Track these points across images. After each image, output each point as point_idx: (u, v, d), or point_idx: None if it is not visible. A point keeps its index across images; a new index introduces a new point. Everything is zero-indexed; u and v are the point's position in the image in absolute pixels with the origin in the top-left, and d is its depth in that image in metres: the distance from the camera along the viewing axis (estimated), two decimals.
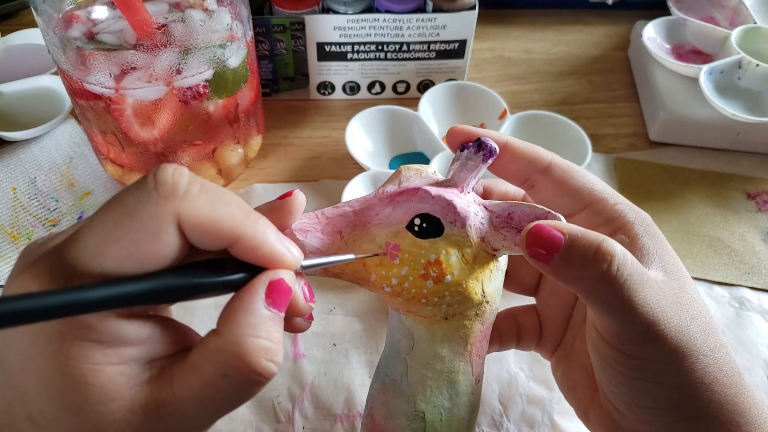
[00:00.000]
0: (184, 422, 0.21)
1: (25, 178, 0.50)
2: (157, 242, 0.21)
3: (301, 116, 0.60)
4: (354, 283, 0.29)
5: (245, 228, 0.22)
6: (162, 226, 0.21)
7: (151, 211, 0.21)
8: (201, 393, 0.21)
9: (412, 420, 0.29)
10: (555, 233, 0.25)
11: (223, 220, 0.22)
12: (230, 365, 0.21)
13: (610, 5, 0.73)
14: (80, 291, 0.19)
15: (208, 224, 0.21)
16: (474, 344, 0.29)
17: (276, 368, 0.22)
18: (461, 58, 0.59)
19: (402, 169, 0.29)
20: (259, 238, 0.23)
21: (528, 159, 0.30)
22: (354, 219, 0.28)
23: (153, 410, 0.21)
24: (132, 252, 0.20)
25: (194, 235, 0.21)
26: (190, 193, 0.21)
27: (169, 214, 0.21)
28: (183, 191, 0.21)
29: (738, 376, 0.27)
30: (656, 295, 0.25)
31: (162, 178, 0.21)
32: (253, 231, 0.22)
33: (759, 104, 0.54)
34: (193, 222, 0.21)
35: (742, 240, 0.49)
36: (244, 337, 0.21)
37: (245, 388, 0.22)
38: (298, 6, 0.54)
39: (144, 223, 0.21)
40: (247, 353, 0.21)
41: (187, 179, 0.22)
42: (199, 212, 0.21)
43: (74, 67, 0.41)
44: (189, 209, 0.21)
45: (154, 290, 0.21)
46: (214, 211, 0.22)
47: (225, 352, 0.21)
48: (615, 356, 0.26)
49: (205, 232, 0.21)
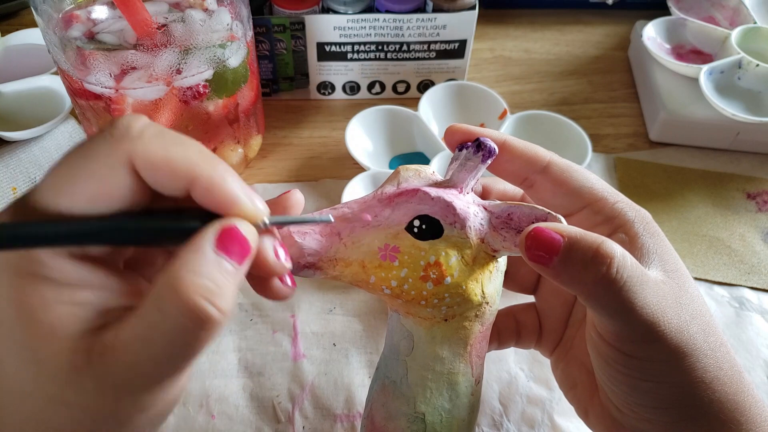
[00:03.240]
0: (127, 367, 0.21)
1: (25, 178, 0.50)
2: (110, 182, 0.21)
3: (301, 116, 0.60)
4: (353, 285, 0.28)
5: (201, 168, 0.22)
6: (114, 165, 0.21)
7: (105, 151, 0.21)
8: (141, 332, 0.21)
9: (412, 421, 0.29)
10: (554, 236, 0.25)
11: (177, 159, 0.21)
12: (166, 299, 0.20)
13: (610, 5, 0.73)
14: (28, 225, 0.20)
15: (160, 163, 0.21)
16: (474, 345, 0.29)
17: (217, 313, 0.20)
18: (461, 58, 0.59)
19: (401, 170, 0.29)
20: (216, 179, 0.22)
21: (526, 158, 0.29)
22: (353, 220, 0.28)
23: (98, 353, 0.21)
24: (86, 192, 0.21)
25: (149, 175, 0.21)
26: (144, 135, 0.21)
27: (121, 154, 0.21)
28: (137, 133, 0.21)
29: (738, 375, 0.27)
30: (656, 295, 0.25)
31: (118, 123, 0.22)
32: (210, 172, 0.22)
33: (759, 104, 0.54)
34: (145, 161, 0.21)
35: (742, 240, 0.49)
36: (183, 271, 0.20)
37: (183, 328, 0.20)
38: (298, 6, 0.54)
39: (97, 163, 0.21)
40: (183, 287, 0.20)
41: (142, 123, 0.22)
42: (152, 152, 0.21)
43: (74, 67, 0.41)
44: (141, 149, 0.21)
45: (102, 230, 0.21)
46: (168, 151, 0.21)
47: (162, 285, 0.21)
48: (615, 356, 0.26)
49: (158, 172, 0.21)
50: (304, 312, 0.43)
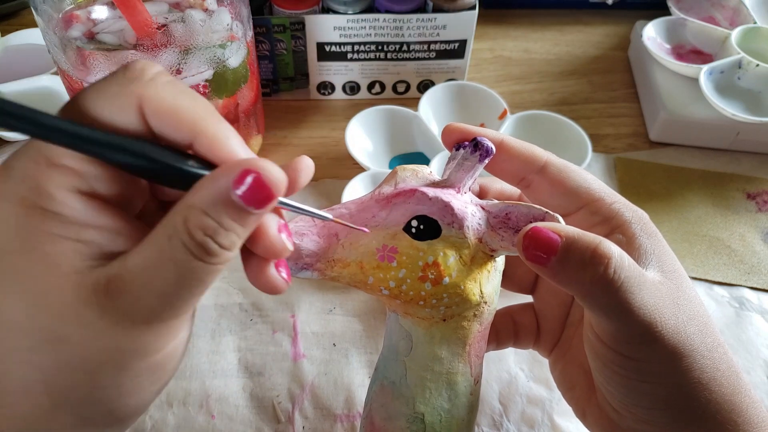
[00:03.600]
0: (132, 295, 0.20)
1: None
2: (118, 120, 0.21)
3: (301, 116, 0.60)
4: (352, 286, 0.28)
5: (206, 123, 0.22)
6: (123, 105, 0.21)
7: (116, 90, 0.21)
8: (149, 257, 0.21)
9: (411, 422, 0.29)
10: (551, 236, 0.25)
11: (185, 109, 0.22)
12: (175, 227, 0.20)
13: (610, 5, 0.73)
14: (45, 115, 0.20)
15: (168, 110, 0.21)
16: (472, 345, 0.29)
17: (218, 249, 0.21)
18: (461, 58, 0.59)
19: (398, 170, 0.29)
20: (220, 136, 0.22)
21: (524, 158, 0.29)
22: (350, 221, 0.28)
23: (104, 284, 0.20)
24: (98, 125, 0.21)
25: (155, 120, 0.21)
26: (156, 80, 0.22)
27: (131, 95, 0.21)
28: (149, 77, 0.22)
29: (736, 376, 0.27)
30: (653, 296, 0.25)
31: (132, 65, 0.22)
32: (215, 128, 0.22)
33: (759, 104, 0.54)
34: (153, 106, 0.21)
35: (742, 240, 0.49)
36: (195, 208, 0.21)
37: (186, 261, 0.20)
38: (298, 6, 0.54)
39: (109, 100, 0.21)
40: (191, 221, 0.20)
41: (156, 69, 0.22)
42: (161, 97, 0.21)
43: (74, 67, 0.41)
44: (151, 93, 0.21)
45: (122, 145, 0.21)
46: (177, 99, 0.22)
47: (175, 213, 0.21)
48: (612, 357, 0.26)
49: (165, 118, 0.21)
50: (304, 312, 0.43)
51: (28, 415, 0.21)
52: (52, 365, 0.21)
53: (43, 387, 0.21)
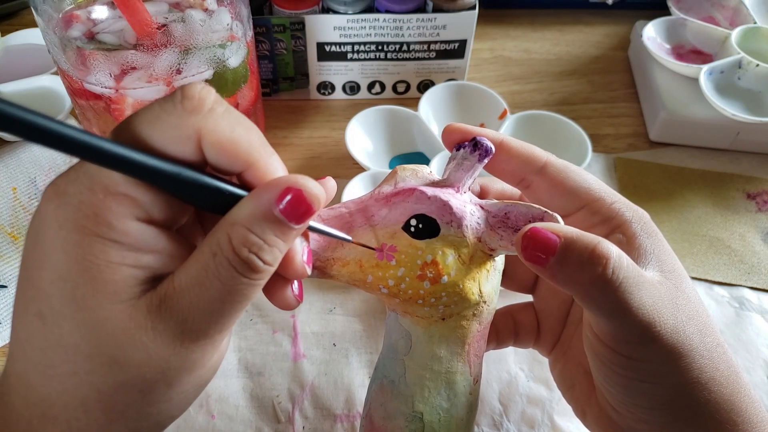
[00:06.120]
0: (182, 321, 0.21)
1: (25, 178, 0.51)
2: (174, 150, 0.21)
3: (301, 116, 0.60)
4: (351, 284, 0.29)
5: (260, 155, 0.22)
6: (182, 138, 0.21)
7: (175, 122, 0.21)
8: (196, 275, 0.21)
9: (410, 421, 0.29)
10: (550, 236, 0.25)
11: (242, 142, 0.22)
12: (219, 244, 0.21)
13: (610, 5, 0.73)
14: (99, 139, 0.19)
15: (226, 144, 0.22)
16: (472, 344, 0.29)
17: (262, 265, 0.22)
18: (461, 58, 0.59)
19: (398, 170, 0.29)
20: (271, 168, 0.23)
21: (523, 158, 0.29)
22: (350, 220, 0.28)
23: (156, 306, 0.21)
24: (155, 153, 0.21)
25: (212, 152, 0.22)
26: (215, 111, 0.22)
27: (191, 128, 0.21)
28: (208, 108, 0.22)
29: (735, 376, 0.27)
30: (652, 296, 0.25)
31: (189, 93, 0.22)
32: (267, 161, 0.23)
33: (759, 104, 0.54)
34: (212, 139, 0.21)
35: (742, 240, 0.49)
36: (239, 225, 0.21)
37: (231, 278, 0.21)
38: (298, 6, 0.54)
39: (167, 132, 0.21)
40: (235, 238, 0.21)
41: (213, 97, 0.22)
42: (221, 130, 0.21)
43: (74, 67, 0.41)
44: (211, 126, 0.21)
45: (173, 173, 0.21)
46: (234, 132, 0.22)
47: (219, 230, 0.22)
48: (611, 357, 0.26)
49: (222, 151, 0.22)
50: (304, 312, 0.43)
51: (85, 428, 0.22)
52: (110, 386, 0.21)
53: (100, 405, 0.22)
